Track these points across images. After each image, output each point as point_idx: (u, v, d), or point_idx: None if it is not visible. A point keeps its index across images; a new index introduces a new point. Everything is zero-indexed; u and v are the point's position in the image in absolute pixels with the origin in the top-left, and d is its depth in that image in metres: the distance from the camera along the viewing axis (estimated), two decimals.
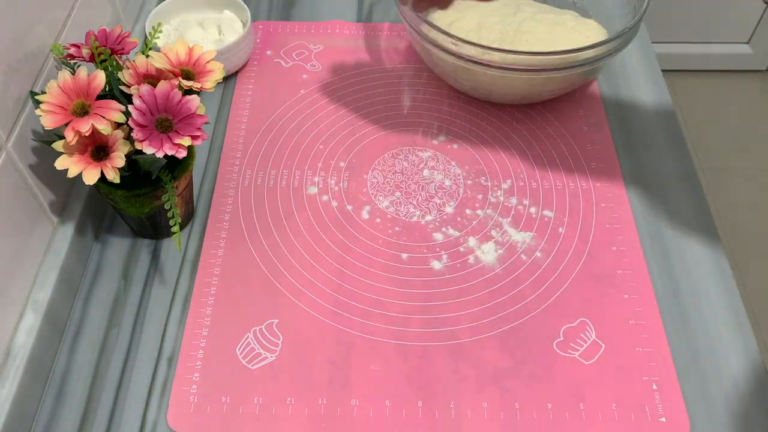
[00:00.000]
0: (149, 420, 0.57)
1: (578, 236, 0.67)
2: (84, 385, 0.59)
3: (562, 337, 0.61)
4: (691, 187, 0.71)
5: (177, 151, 0.55)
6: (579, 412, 0.57)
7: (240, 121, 0.77)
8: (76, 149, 0.54)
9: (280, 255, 0.66)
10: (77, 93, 0.54)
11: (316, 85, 0.81)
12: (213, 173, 0.72)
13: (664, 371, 0.59)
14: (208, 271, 0.65)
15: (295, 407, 0.57)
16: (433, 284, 0.64)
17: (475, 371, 0.59)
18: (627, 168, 0.73)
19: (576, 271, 0.65)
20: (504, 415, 0.57)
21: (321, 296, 0.63)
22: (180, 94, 0.56)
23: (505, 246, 0.67)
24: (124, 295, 0.64)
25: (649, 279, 0.64)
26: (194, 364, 0.59)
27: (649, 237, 0.67)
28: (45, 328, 0.58)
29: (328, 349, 0.60)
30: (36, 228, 0.60)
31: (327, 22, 0.88)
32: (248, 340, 0.61)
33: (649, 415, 0.57)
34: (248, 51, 0.81)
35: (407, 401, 0.57)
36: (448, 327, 0.61)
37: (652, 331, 0.61)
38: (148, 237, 0.67)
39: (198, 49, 0.60)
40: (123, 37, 0.60)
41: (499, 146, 0.74)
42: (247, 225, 0.68)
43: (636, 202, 0.70)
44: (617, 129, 0.76)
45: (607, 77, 0.82)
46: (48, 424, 0.56)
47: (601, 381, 0.58)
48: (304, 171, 0.73)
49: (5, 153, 0.55)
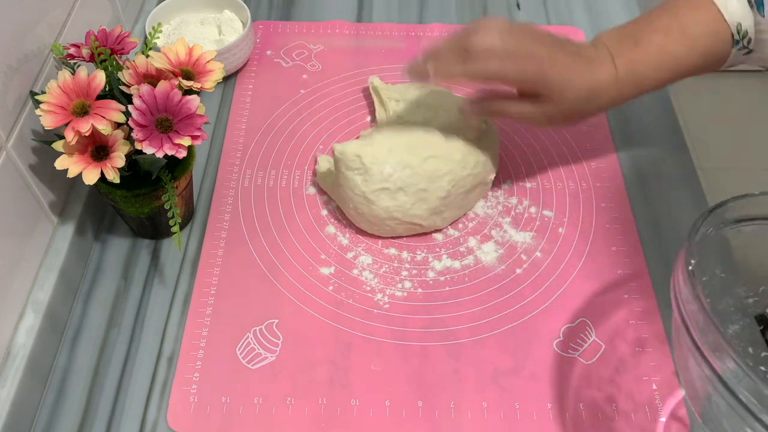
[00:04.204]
0: (149, 420, 0.57)
1: (578, 236, 0.67)
2: (84, 385, 0.58)
3: (562, 337, 0.61)
4: (691, 187, 0.71)
5: (177, 151, 0.55)
6: (579, 412, 0.57)
7: (240, 121, 0.77)
8: (76, 149, 0.54)
9: (280, 255, 0.66)
10: (77, 93, 0.54)
11: (316, 85, 0.81)
12: (213, 173, 0.72)
13: (664, 371, 0.59)
14: (208, 271, 0.65)
15: (295, 407, 0.57)
16: (433, 284, 0.64)
17: (475, 371, 0.59)
18: (627, 168, 0.73)
19: (576, 271, 0.65)
20: (504, 415, 0.57)
21: (321, 296, 0.63)
22: (180, 94, 0.56)
23: (505, 246, 0.67)
24: (124, 295, 0.64)
25: (649, 279, 0.64)
26: (194, 364, 0.59)
27: (649, 237, 0.67)
28: (45, 328, 0.58)
29: (328, 349, 0.60)
30: (36, 228, 0.60)
31: (327, 22, 0.88)
32: (248, 340, 0.61)
33: (649, 415, 0.57)
34: (248, 51, 0.81)
35: (407, 401, 0.57)
36: (448, 327, 0.61)
37: (652, 331, 0.61)
38: (148, 237, 0.67)
39: (198, 49, 0.60)
40: (123, 37, 0.60)
41: (499, 146, 0.74)
42: (247, 225, 0.68)
43: (636, 202, 0.70)
44: (617, 129, 0.76)
45: None
46: (48, 424, 0.56)
47: (601, 381, 0.58)
48: (304, 171, 0.73)
49: (5, 153, 0.55)
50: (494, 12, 0.90)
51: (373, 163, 0.63)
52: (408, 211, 0.64)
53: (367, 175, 0.63)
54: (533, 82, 0.59)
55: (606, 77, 0.60)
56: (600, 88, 0.60)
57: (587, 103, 0.60)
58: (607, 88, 0.60)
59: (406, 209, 0.64)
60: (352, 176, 0.64)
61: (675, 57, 0.60)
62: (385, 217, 0.64)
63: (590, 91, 0.60)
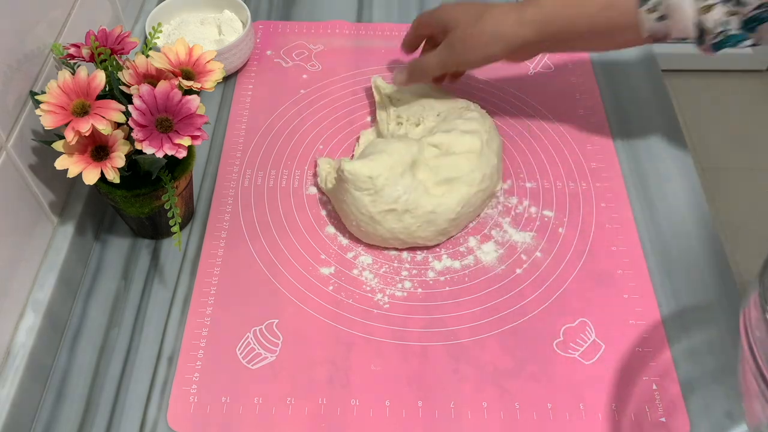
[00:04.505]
0: (149, 420, 0.57)
1: (578, 236, 0.67)
2: (84, 385, 0.59)
3: (562, 337, 0.61)
4: (691, 187, 0.71)
5: (177, 151, 0.55)
6: (579, 412, 0.57)
7: (240, 121, 0.77)
8: (76, 149, 0.54)
9: (280, 255, 0.66)
10: (77, 93, 0.54)
11: (316, 85, 0.81)
12: (213, 173, 0.72)
13: (664, 371, 0.59)
14: (208, 271, 0.65)
15: (295, 407, 0.57)
16: (433, 284, 0.64)
17: (475, 371, 0.59)
18: (627, 168, 0.73)
19: (576, 271, 0.65)
20: (504, 415, 0.57)
21: (321, 296, 0.63)
22: (180, 94, 0.56)
23: (505, 246, 0.67)
24: (124, 295, 0.64)
25: (649, 279, 0.64)
26: (194, 364, 0.59)
27: (648, 237, 0.67)
28: (45, 328, 0.58)
29: (328, 349, 0.60)
30: (36, 228, 0.60)
31: (327, 22, 0.87)
32: (248, 340, 0.61)
33: (649, 415, 0.57)
34: (248, 51, 0.81)
35: (407, 401, 0.57)
36: (448, 327, 0.61)
37: (652, 331, 0.61)
38: (148, 237, 0.67)
39: (198, 49, 0.60)
40: (123, 37, 0.60)
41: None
42: (247, 225, 0.68)
43: (636, 201, 0.70)
44: (617, 129, 0.76)
45: (607, 77, 0.82)
46: (48, 424, 0.56)
47: (601, 381, 0.58)
48: (304, 171, 0.73)
49: (5, 153, 0.55)
50: None
51: (385, 185, 0.62)
52: (413, 233, 0.63)
53: (377, 196, 0.62)
54: (437, 20, 0.69)
55: (503, 6, 0.65)
56: (496, 12, 0.65)
57: (482, 25, 0.65)
58: (504, 13, 0.64)
59: (412, 231, 0.63)
60: (360, 196, 0.62)
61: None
62: (389, 237, 0.64)
63: (484, 12, 0.65)
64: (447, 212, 0.63)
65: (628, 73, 0.82)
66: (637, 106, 0.79)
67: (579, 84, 0.81)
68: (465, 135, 0.66)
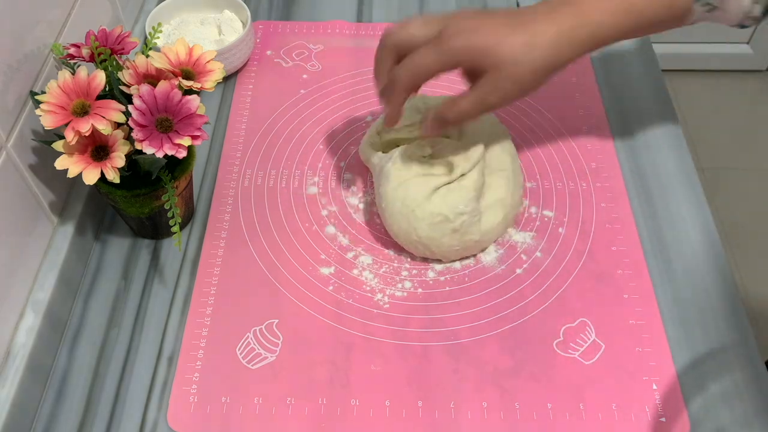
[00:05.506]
0: (149, 420, 0.57)
1: (578, 236, 0.67)
2: (84, 385, 0.59)
3: (562, 337, 0.61)
4: (691, 187, 0.71)
5: (177, 151, 0.55)
6: (579, 412, 0.57)
7: (240, 121, 0.77)
8: (76, 149, 0.54)
9: (280, 255, 0.66)
10: (77, 93, 0.54)
11: (316, 85, 0.81)
12: (213, 173, 0.72)
13: (664, 371, 0.59)
14: (208, 271, 0.65)
15: (295, 407, 0.57)
16: (433, 284, 0.64)
17: (475, 371, 0.59)
18: (627, 168, 0.73)
19: (576, 271, 0.65)
20: (504, 415, 0.57)
21: (321, 296, 0.63)
22: (180, 94, 0.56)
23: (505, 246, 0.67)
24: (124, 295, 0.64)
25: (649, 279, 0.64)
26: (194, 364, 0.59)
27: (648, 237, 0.67)
28: (45, 328, 0.58)
29: (328, 349, 0.60)
30: (36, 228, 0.60)
31: (327, 22, 0.88)
32: (248, 340, 0.61)
33: (649, 415, 0.57)
34: (248, 51, 0.81)
35: (407, 401, 0.57)
36: (448, 327, 0.61)
37: (652, 331, 0.61)
38: (148, 237, 0.67)
39: (198, 49, 0.60)
40: (123, 37, 0.60)
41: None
42: (247, 225, 0.68)
43: (636, 201, 0.70)
44: (617, 129, 0.76)
45: (607, 77, 0.82)
46: (48, 424, 0.57)
47: (601, 381, 0.58)
48: (304, 171, 0.73)
49: (5, 153, 0.55)
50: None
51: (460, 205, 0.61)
52: (445, 251, 0.63)
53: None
54: (468, 56, 0.55)
55: (545, 28, 0.55)
56: (538, 36, 0.55)
57: (529, 55, 0.54)
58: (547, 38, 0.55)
59: (445, 249, 0.63)
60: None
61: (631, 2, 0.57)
62: (414, 240, 0.62)
63: (527, 45, 0.54)
64: (486, 242, 0.64)
65: (628, 73, 0.82)
66: (637, 106, 0.79)
67: (579, 84, 0.81)
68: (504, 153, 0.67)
